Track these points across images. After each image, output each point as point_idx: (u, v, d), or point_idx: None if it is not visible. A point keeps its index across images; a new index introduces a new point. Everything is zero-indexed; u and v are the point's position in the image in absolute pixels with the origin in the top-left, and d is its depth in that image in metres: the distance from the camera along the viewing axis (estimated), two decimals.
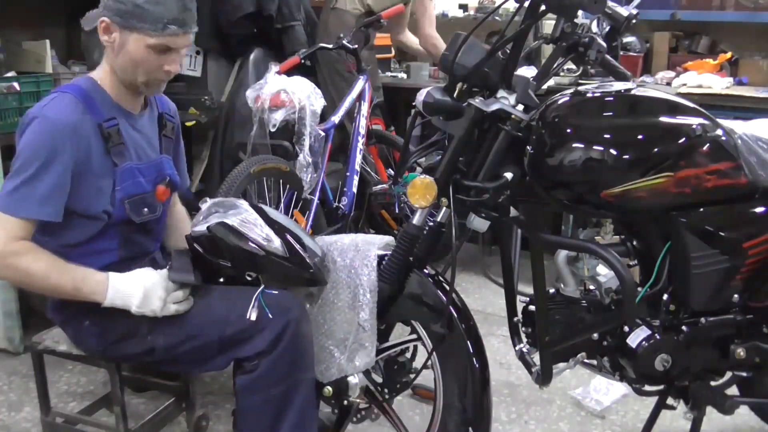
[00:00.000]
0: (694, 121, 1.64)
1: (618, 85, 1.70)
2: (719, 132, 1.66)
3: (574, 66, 1.72)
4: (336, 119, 3.18)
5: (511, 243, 1.91)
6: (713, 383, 1.83)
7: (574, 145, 1.60)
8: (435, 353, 1.77)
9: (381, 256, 1.80)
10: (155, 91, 1.84)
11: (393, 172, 3.42)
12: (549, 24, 1.66)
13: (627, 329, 1.73)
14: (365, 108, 3.31)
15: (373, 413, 1.97)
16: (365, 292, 1.75)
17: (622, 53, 3.75)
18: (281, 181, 2.84)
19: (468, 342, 1.75)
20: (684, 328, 1.74)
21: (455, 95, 1.62)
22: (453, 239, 1.65)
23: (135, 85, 1.76)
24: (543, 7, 1.54)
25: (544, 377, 1.78)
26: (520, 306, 1.88)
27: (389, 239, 1.86)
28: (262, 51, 3.60)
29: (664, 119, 1.66)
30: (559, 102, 1.67)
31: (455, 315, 1.75)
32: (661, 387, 1.86)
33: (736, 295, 1.74)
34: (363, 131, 3.27)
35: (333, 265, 1.82)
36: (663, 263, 1.71)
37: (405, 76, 4.39)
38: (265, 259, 1.70)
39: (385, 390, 1.88)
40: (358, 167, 3.19)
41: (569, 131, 1.62)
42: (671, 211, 1.66)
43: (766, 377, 1.91)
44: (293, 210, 2.93)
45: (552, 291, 1.81)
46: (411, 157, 1.81)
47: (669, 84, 3.56)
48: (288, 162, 2.90)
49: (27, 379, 2.64)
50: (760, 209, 1.70)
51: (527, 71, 1.66)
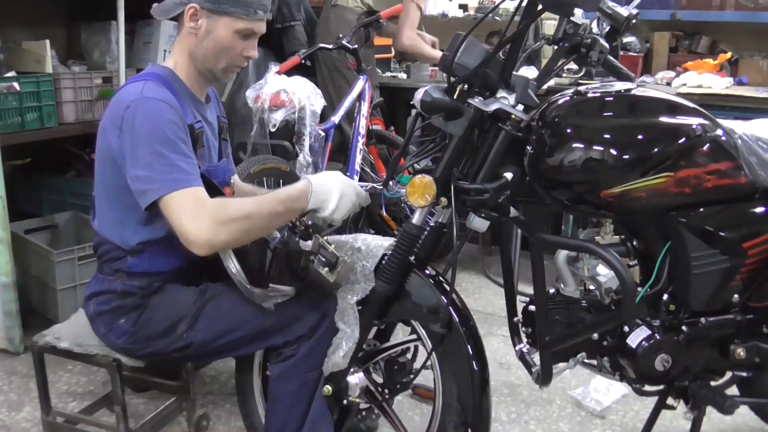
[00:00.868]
0: (694, 121, 1.64)
1: (618, 85, 1.70)
2: (719, 132, 1.66)
3: (575, 66, 1.72)
4: (336, 119, 3.18)
5: (511, 243, 1.91)
6: (713, 383, 1.83)
7: (574, 145, 1.60)
8: (434, 353, 1.77)
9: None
10: (230, 78, 1.90)
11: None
12: (549, 24, 1.66)
13: (627, 329, 1.73)
14: (365, 108, 3.32)
15: (374, 414, 1.97)
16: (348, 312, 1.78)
17: (622, 53, 3.75)
18: (281, 181, 2.85)
19: (467, 342, 1.75)
20: (684, 328, 1.74)
21: (456, 96, 1.62)
22: (454, 239, 1.65)
23: (213, 72, 1.81)
24: (540, 6, 1.54)
25: (544, 377, 1.78)
26: (520, 306, 1.88)
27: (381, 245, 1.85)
28: (262, 51, 3.60)
29: (664, 119, 1.66)
30: (559, 102, 1.67)
31: (455, 315, 1.75)
32: (661, 387, 1.86)
33: (736, 295, 1.74)
34: (363, 131, 3.28)
35: None
36: (663, 263, 1.71)
37: (405, 76, 4.39)
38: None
39: (386, 390, 1.88)
40: (358, 167, 3.19)
41: (569, 131, 1.62)
42: (671, 211, 1.66)
43: (766, 377, 1.91)
44: None
45: (552, 291, 1.81)
46: (408, 162, 1.81)
47: (669, 84, 3.56)
48: (288, 162, 2.90)
49: (27, 379, 2.64)
50: (760, 209, 1.70)
51: (527, 71, 1.66)
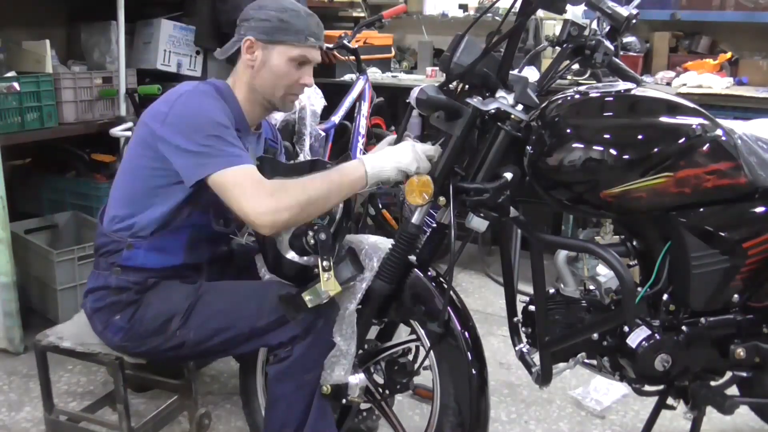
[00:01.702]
0: (694, 121, 1.64)
1: (618, 86, 1.70)
2: (719, 132, 1.66)
3: (575, 67, 1.71)
4: (336, 119, 3.18)
5: (511, 243, 1.91)
6: (713, 383, 1.83)
7: (573, 145, 1.60)
8: (433, 353, 1.77)
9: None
10: (289, 107, 1.94)
11: None
12: (549, 24, 1.66)
13: (627, 329, 1.73)
14: (365, 108, 3.32)
15: (374, 414, 1.97)
16: (345, 322, 1.77)
17: (622, 53, 3.74)
18: None
19: (465, 342, 1.74)
20: (684, 328, 1.74)
21: (456, 95, 1.62)
22: (452, 238, 1.65)
23: (272, 102, 1.86)
24: (533, 4, 1.54)
25: (544, 377, 1.78)
26: (519, 306, 1.88)
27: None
28: None
29: (664, 119, 1.66)
30: (559, 102, 1.67)
31: (453, 315, 1.75)
32: (661, 387, 1.86)
33: (736, 295, 1.74)
34: (363, 131, 3.28)
35: None
36: (663, 263, 1.71)
37: (405, 76, 4.39)
38: None
39: (386, 391, 1.88)
40: None
41: (569, 131, 1.62)
42: (671, 211, 1.66)
43: (766, 377, 1.91)
44: None
45: (552, 291, 1.81)
46: None
47: (669, 84, 3.56)
48: (288, 162, 2.90)
49: (27, 379, 2.64)
50: (759, 209, 1.70)
51: (528, 72, 1.66)
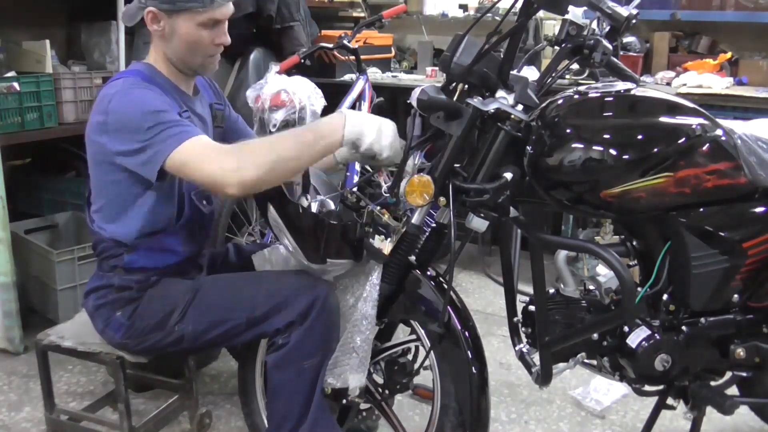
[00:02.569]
0: (693, 121, 1.64)
1: (618, 85, 1.70)
2: (719, 132, 1.66)
3: (574, 67, 1.71)
4: None
5: (511, 243, 1.90)
6: (713, 383, 1.83)
7: (573, 145, 1.60)
8: (433, 353, 1.77)
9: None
10: (211, 69, 1.86)
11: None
12: (549, 24, 1.66)
13: (627, 329, 1.73)
14: (365, 108, 3.32)
15: (374, 414, 1.96)
16: (364, 319, 1.74)
17: (622, 53, 3.75)
18: None
19: (466, 342, 1.74)
20: (684, 328, 1.74)
21: (456, 96, 1.62)
22: (452, 238, 1.65)
23: (192, 68, 1.81)
24: (535, 5, 1.54)
25: (543, 377, 1.78)
26: (519, 306, 1.88)
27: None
28: (262, 51, 3.60)
29: (663, 119, 1.66)
30: (559, 102, 1.67)
31: (453, 315, 1.75)
32: (661, 387, 1.86)
33: (735, 295, 1.74)
34: None
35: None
36: (663, 263, 1.71)
37: (405, 75, 4.39)
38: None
39: (386, 391, 1.88)
40: (358, 167, 3.19)
41: (569, 131, 1.62)
42: (671, 211, 1.66)
43: (766, 377, 1.91)
44: None
45: (552, 291, 1.81)
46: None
47: (669, 84, 3.56)
48: None
49: (27, 379, 2.64)
50: (759, 209, 1.70)
51: (527, 72, 1.66)
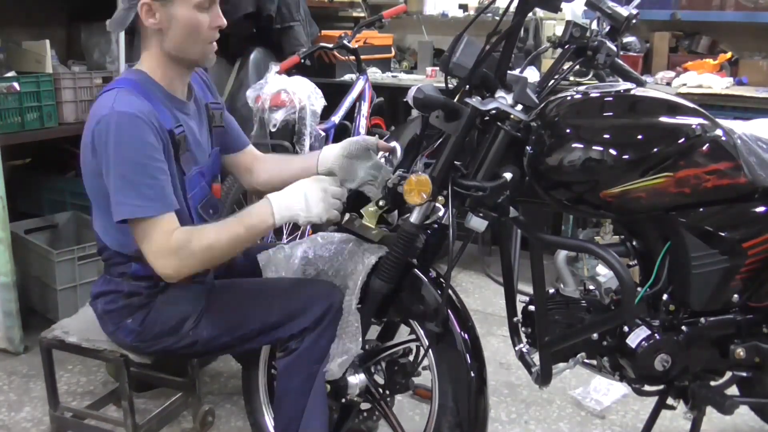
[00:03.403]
0: (693, 121, 1.64)
1: (618, 86, 1.70)
2: (719, 132, 1.66)
3: (578, 67, 1.71)
4: (336, 119, 3.18)
5: (511, 243, 1.90)
6: (713, 383, 1.83)
7: (573, 145, 1.60)
8: (432, 353, 1.76)
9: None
10: (210, 59, 1.82)
11: None
12: (549, 24, 1.66)
13: (627, 329, 1.73)
14: (365, 108, 3.32)
15: (375, 415, 1.96)
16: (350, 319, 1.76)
17: (622, 53, 3.74)
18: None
19: (464, 343, 1.73)
20: (684, 328, 1.74)
21: (458, 97, 1.61)
22: (450, 237, 1.64)
23: (193, 60, 1.77)
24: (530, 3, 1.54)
25: (544, 377, 1.78)
26: (519, 306, 1.88)
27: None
28: (262, 51, 3.61)
29: (663, 119, 1.66)
30: (559, 102, 1.67)
31: (452, 315, 1.74)
32: (661, 387, 1.86)
33: (735, 295, 1.74)
34: (363, 131, 3.28)
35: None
36: (662, 263, 1.71)
37: (405, 75, 4.39)
38: None
39: (386, 391, 1.87)
40: None
41: (569, 131, 1.62)
42: (671, 211, 1.66)
43: (765, 377, 1.91)
44: None
45: (552, 291, 1.81)
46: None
47: (669, 84, 3.56)
48: None
49: (27, 379, 2.64)
50: (759, 209, 1.70)
51: (528, 73, 1.66)
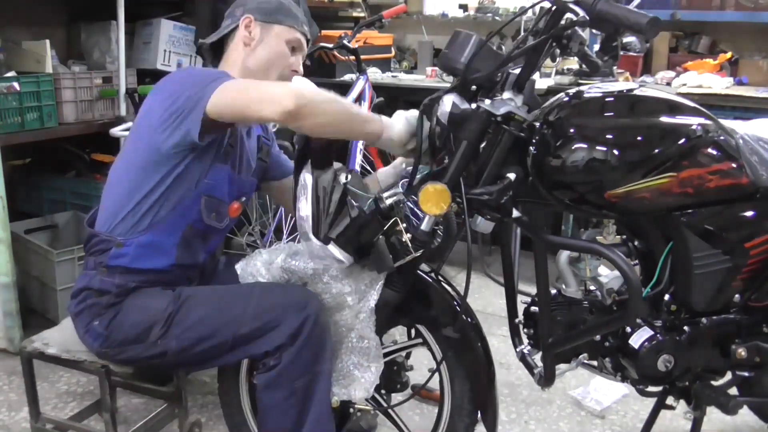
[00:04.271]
0: (696, 122, 1.64)
1: (620, 85, 1.70)
2: (721, 132, 1.66)
3: (575, 67, 1.70)
4: None
5: (512, 243, 1.90)
6: (715, 383, 1.83)
7: (577, 146, 1.59)
8: (446, 358, 1.77)
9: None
10: None
11: None
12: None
13: (629, 330, 1.73)
14: (365, 108, 3.32)
15: (369, 414, 1.96)
16: (365, 338, 1.73)
17: (622, 53, 3.75)
18: None
19: (482, 347, 1.75)
20: (686, 328, 1.74)
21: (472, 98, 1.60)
22: (468, 244, 1.60)
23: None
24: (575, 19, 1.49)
25: (546, 379, 1.78)
26: (520, 307, 1.88)
27: None
28: None
29: (666, 119, 1.66)
30: (562, 102, 1.67)
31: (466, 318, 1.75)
32: (663, 387, 1.86)
33: (737, 295, 1.74)
34: None
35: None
36: (665, 263, 1.71)
37: (405, 75, 4.39)
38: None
39: (389, 395, 1.87)
40: (358, 167, 3.19)
41: (572, 131, 1.62)
42: (673, 212, 1.66)
43: (765, 377, 1.91)
44: None
45: (554, 292, 1.81)
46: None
47: (669, 84, 3.56)
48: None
49: None
50: (761, 209, 1.70)
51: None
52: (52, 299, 2.94)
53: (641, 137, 1.62)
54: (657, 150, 1.59)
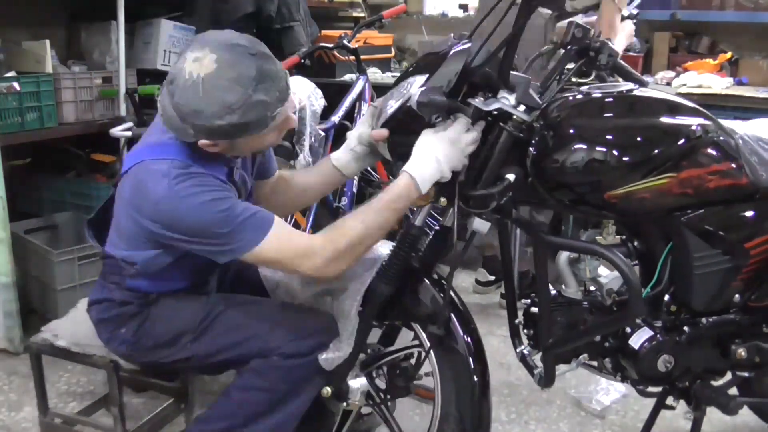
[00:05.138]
0: (696, 122, 1.64)
1: (621, 86, 1.70)
2: (721, 132, 1.66)
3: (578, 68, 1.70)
4: (336, 119, 3.18)
5: (511, 243, 1.90)
6: (715, 383, 1.83)
7: (577, 146, 1.59)
8: (435, 357, 1.75)
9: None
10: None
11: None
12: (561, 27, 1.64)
13: (629, 330, 1.73)
14: (365, 108, 3.31)
15: (369, 415, 1.95)
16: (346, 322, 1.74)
17: (622, 53, 3.75)
18: None
19: (467, 346, 1.72)
20: (685, 328, 1.74)
21: (460, 98, 1.60)
22: (453, 237, 1.63)
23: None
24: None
25: (546, 379, 1.77)
26: (520, 307, 1.88)
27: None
28: None
29: (666, 120, 1.66)
30: (562, 102, 1.67)
31: (454, 317, 1.73)
32: (663, 387, 1.86)
33: (737, 295, 1.74)
34: None
35: None
36: (664, 264, 1.71)
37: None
38: None
39: (387, 395, 1.86)
40: (355, 180, 3.18)
41: (572, 132, 1.62)
42: (673, 212, 1.66)
43: (765, 377, 1.91)
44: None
45: (554, 292, 1.81)
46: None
47: (669, 84, 3.56)
48: (288, 162, 2.89)
49: (27, 379, 2.63)
50: (761, 209, 1.70)
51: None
52: (52, 299, 2.94)
53: (641, 138, 1.62)
54: (657, 150, 1.59)
